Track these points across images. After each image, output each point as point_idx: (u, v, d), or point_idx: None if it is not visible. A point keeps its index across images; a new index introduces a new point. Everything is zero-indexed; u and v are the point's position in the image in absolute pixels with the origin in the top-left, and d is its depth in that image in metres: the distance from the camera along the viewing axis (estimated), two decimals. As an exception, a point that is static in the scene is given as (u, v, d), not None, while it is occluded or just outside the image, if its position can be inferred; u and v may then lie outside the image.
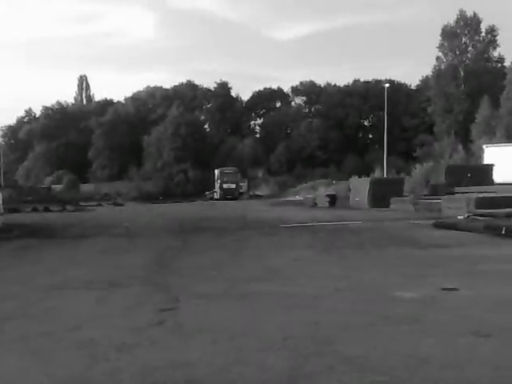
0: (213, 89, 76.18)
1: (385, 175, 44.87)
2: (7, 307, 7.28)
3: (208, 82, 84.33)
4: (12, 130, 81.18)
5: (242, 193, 55.06)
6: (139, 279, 9.31)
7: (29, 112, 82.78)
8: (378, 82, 72.16)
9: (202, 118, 76.35)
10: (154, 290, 8.35)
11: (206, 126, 76.40)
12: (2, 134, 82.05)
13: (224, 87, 75.81)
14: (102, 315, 6.74)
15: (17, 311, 7.06)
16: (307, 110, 78.42)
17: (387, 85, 55.89)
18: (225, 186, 53.47)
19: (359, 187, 31.03)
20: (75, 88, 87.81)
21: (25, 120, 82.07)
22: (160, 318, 6.50)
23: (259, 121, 79.77)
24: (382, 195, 27.96)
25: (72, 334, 5.82)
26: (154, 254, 13.07)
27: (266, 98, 78.37)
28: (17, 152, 78.19)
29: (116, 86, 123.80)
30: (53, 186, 58.02)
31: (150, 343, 5.48)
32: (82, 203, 43.59)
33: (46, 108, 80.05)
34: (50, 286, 8.76)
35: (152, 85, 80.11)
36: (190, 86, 77.09)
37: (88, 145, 71.70)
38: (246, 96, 80.00)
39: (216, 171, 55.80)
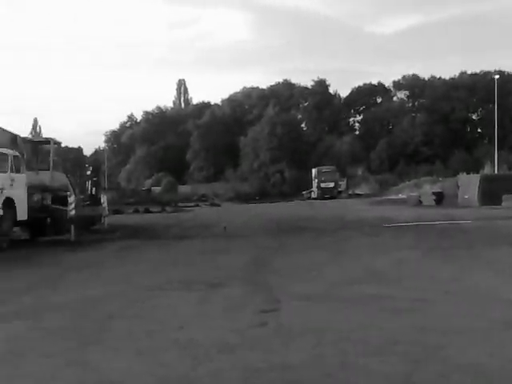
0: (310, 87, 76.00)
1: (496, 171, 42.68)
2: (113, 306, 7.58)
3: (305, 80, 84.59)
4: (115, 135, 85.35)
5: (340, 192, 54.47)
6: (239, 280, 9.38)
7: (130, 117, 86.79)
8: (487, 74, 68.87)
9: (299, 116, 76.40)
10: (254, 290, 8.38)
11: (303, 125, 76.36)
12: (105, 139, 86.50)
13: (321, 84, 75.37)
14: (203, 316, 6.84)
15: (122, 310, 7.32)
16: (410, 105, 76.22)
17: (497, 76, 53.23)
18: (323, 185, 53.13)
19: (468, 184, 29.86)
20: (174, 92, 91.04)
21: (127, 125, 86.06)
22: (261, 319, 6.48)
23: (358, 117, 78.60)
24: (493, 192, 26.76)
25: (175, 333, 5.93)
26: (252, 254, 13.18)
27: (366, 94, 77.01)
28: (119, 156, 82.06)
29: (213, 88, 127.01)
30: (152, 187, 60.41)
31: (251, 345, 5.47)
32: (181, 204, 44.94)
33: (146, 113, 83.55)
34: (153, 286, 9.03)
35: (248, 85, 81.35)
36: (287, 85, 77.36)
37: (186, 147, 73.88)
38: (344, 93, 79.05)
39: (313, 170, 55.56)
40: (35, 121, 78.79)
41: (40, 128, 78.07)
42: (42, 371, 4.79)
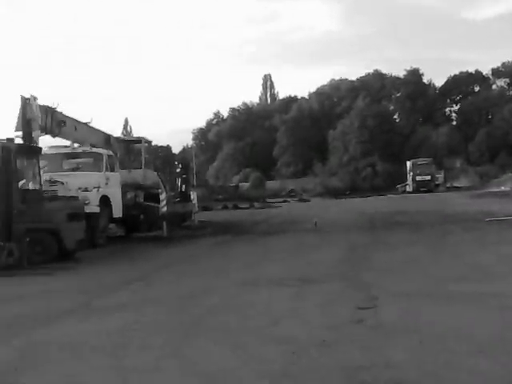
0: (402, 77, 74.05)
1: None
2: (209, 301, 7.75)
3: (397, 70, 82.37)
4: (202, 133, 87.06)
5: (437, 185, 52.82)
6: (332, 276, 9.31)
7: (217, 114, 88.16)
8: None
9: (391, 108, 74.64)
10: (349, 286, 8.29)
11: (395, 117, 74.54)
12: (193, 137, 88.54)
13: (415, 74, 73.18)
14: (298, 311, 6.84)
15: (218, 305, 7.48)
16: (511, 93, 72.50)
17: None
18: (418, 178, 51.75)
19: None
20: (260, 88, 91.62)
21: (213, 122, 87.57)
22: (358, 316, 6.40)
23: (455, 107, 75.69)
24: None
25: (271, 328, 5.97)
26: (345, 249, 13.08)
27: (463, 83, 73.95)
28: (207, 153, 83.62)
29: (299, 82, 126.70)
30: (240, 184, 61.13)
31: (350, 341, 5.41)
32: (269, 200, 45.24)
33: (232, 109, 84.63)
34: (246, 282, 9.16)
35: (336, 78, 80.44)
36: (377, 76, 75.77)
37: (273, 143, 74.11)
38: (439, 82, 76.30)
39: (408, 163, 54.21)
40: (126, 121, 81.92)
41: (130, 128, 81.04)
42: (144, 363, 4.97)
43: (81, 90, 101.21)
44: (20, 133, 14.64)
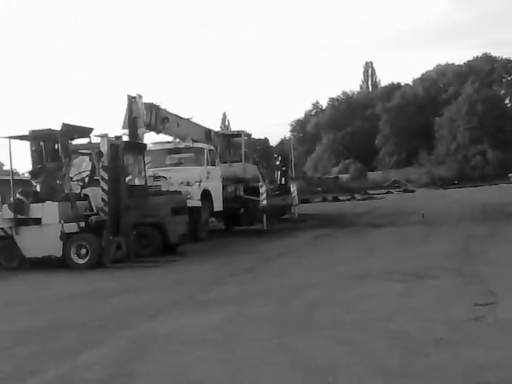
0: (514, 59, 70.24)
1: None
2: (315, 294, 7.70)
3: (508, 52, 78.12)
4: (300, 124, 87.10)
5: None
6: (446, 270, 8.97)
7: (316, 105, 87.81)
8: None
9: (501, 92, 71.05)
10: (465, 282, 7.95)
11: (507, 101, 70.87)
12: (291, 129, 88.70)
13: (527, 55, 69.25)
14: (410, 307, 6.62)
15: (323, 298, 7.40)
16: None
17: None
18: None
19: None
20: (360, 76, 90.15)
21: (312, 113, 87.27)
22: (476, 313, 6.10)
23: None
24: None
25: (383, 324, 5.82)
26: (457, 242, 12.61)
27: None
28: (305, 144, 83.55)
29: (402, 69, 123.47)
30: (340, 175, 60.61)
31: (469, 340, 5.16)
32: (370, 191, 44.62)
33: (331, 99, 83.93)
34: (351, 275, 9.02)
35: (442, 63, 77.65)
36: (486, 59, 72.28)
37: (374, 132, 72.87)
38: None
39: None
40: (224, 115, 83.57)
41: (228, 122, 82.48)
42: (253, 356, 5.00)
43: (181, 87, 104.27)
44: (126, 130, 15.33)
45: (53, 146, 12.49)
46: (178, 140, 18.07)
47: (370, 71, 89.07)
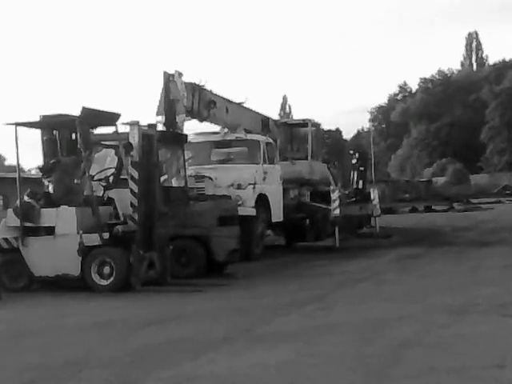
0: None
1: None
2: (402, 331, 7.60)
3: None
4: (383, 112, 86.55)
5: None
6: None
7: (403, 87, 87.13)
8: None
9: None
10: None
11: None
12: (370, 118, 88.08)
13: None
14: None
15: (414, 337, 7.30)
16: None
17: None
18: None
19: None
20: (462, 50, 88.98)
21: (398, 98, 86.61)
22: None
23: None
24: None
25: (493, 372, 5.70)
26: None
27: None
28: (388, 138, 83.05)
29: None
30: (434, 178, 59.91)
31: None
32: (474, 200, 43.97)
33: (424, 80, 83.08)
34: (450, 308, 8.91)
35: None
36: None
37: (480, 123, 71.71)
38: None
39: None
40: (284, 99, 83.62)
41: (290, 108, 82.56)
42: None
43: (231, 65, 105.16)
44: (162, 117, 15.41)
45: (69, 136, 12.36)
46: (226, 130, 18.14)
47: (474, 44, 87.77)
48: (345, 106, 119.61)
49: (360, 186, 25.07)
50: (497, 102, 70.80)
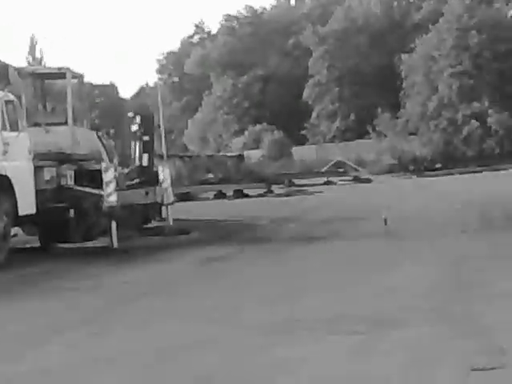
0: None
1: None
2: (208, 362, 7.77)
3: None
4: (175, 60, 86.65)
5: None
6: (424, 313, 9.41)
7: (200, 27, 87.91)
8: None
9: (511, 13, 73.95)
10: (454, 332, 8.37)
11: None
12: (158, 69, 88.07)
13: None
14: (366, 378, 6.88)
15: (219, 368, 7.52)
16: None
17: None
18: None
19: None
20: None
21: (194, 40, 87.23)
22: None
23: None
24: None
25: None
26: (441, 267, 13.26)
27: None
28: (184, 96, 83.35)
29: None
30: (246, 152, 60.77)
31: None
32: (298, 181, 45.54)
33: (228, 17, 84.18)
34: (269, 327, 9.19)
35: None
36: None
37: (303, 78, 73.50)
38: None
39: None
40: (32, 41, 79.95)
41: (42, 53, 79.72)
42: None
43: None
44: None
45: None
46: None
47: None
48: (122, 53, 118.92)
49: (145, 162, 24.89)
50: (322, 50, 72.51)
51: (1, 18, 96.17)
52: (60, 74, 21.96)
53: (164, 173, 23.23)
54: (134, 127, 25.17)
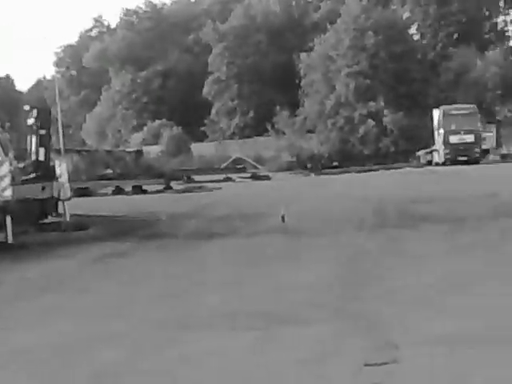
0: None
1: None
2: (102, 358, 7.78)
3: None
4: (73, 53, 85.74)
5: (485, 151, 53.92)
6: (319, 309, 9.53)
7: (99, 21, 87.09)
8: None
9: (405, 15, 74.86)
10: (347, 328, 8.52)
11: (414, 31, 74.92)
12: (56, 62, 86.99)
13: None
14: (265, 375, 6.99)
15: (125, 364, 7.59)
16: None
17: None
18: (453, 138, 52.50)
19: None
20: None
21: (92, 34, 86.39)
22: (368, 378, 6.60)
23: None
24: None
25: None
26: (336, 263, 13.42)
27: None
28: (82, 90, 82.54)
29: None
30: (145, 147, 60.58)
31: None
32: (197, 177, 45.52)
33: (127, 12, 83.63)
34: (170, 323, 9.26)
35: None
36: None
37: (203, 74, 73.36)
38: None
39: (436, 112, 54.96)
40: None
41: None
42: None
43: None
44: None
45: None
46: None
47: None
48: (19, 45, 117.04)
49: (41, 157, 24.59)
50: (222, 47, 72.48)
51: None
52: None
53: (61, 167, 23.03)
54: (31, 121, 24.78)
